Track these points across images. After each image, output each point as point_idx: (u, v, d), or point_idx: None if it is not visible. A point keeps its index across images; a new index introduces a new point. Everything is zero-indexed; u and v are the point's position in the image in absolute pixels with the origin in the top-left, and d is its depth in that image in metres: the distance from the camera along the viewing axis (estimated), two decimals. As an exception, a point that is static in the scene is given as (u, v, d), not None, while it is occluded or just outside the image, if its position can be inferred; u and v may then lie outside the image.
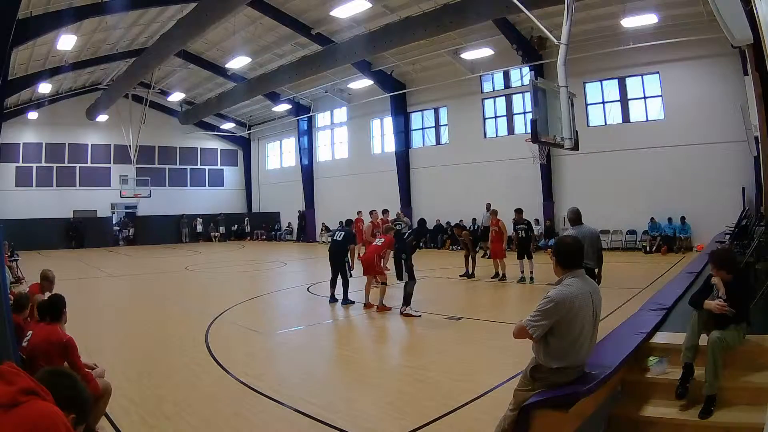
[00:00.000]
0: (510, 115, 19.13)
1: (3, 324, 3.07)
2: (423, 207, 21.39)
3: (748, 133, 11.41)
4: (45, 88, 21.22)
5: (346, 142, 25.60)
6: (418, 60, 19.01)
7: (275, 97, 24.71)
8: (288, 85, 21.58)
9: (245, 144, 31.89)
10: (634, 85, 16.29)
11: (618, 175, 16.15)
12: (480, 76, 18.90)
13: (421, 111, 21.97)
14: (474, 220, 18.39)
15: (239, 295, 10.17)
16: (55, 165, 26.10)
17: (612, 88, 16.70)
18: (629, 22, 13.83)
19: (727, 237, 9.02)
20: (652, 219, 15.54)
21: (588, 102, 16.93)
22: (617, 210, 16.11)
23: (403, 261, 8.09)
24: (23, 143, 25.12)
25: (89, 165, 27.04)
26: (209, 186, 31.12)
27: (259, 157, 31.73)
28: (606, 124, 16.87)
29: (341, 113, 25.52)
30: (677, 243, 14.97)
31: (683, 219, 15.04)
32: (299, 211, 27.70)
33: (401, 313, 7.71)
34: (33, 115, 24.53)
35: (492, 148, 19.30)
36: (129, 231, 27.31)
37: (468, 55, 17.46)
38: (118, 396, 4.08)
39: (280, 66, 19.99)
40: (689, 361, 3.49)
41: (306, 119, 26.56)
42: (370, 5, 14.58)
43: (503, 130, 19.44)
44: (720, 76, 14.04)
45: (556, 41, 8.39)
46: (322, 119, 26.89)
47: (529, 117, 10.33)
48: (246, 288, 11.96)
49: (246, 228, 29.76)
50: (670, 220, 15.31)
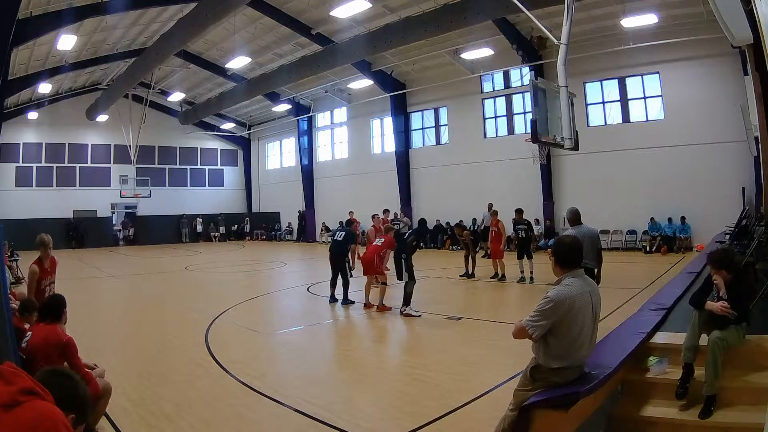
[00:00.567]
0: (510, 115, 19.14)
1: (3, 324, 3.07)
2: (423, 207, 21.39)
3: (748, 133, 11.42)
4: (45, 88, 21.23)
5: (346, 142, 25.61)
6: (418, 60, 19.01)
7: (275, 97, 24.71)
8: (288, 85, 21.58)
9: (245, 144, 31.90)
10: (634, 85, 16.29)
11: (618, 175, 16.15)
12: (480, 76, 18.91)
13: (421, 111, 21.97)
14: (474, 220, 18.39)
15: (239, 295, 10.17)
16: (55, 165, 26.11)
17: (612, 88, 16.70)
18: (629, 22, 13.82)
19: (727, 237, 9.02)
20: (652, 219, 15.54)
21: (588, 102, 16.94)
22: (617, 210, 16.11)
23: (403, 261, 8.09)
24: (23, 143, 25.13)
25: (89, 165, 27.04)
26: (209, 186, 31.13)
27: (259, 157, 31.74)
28: (606, 124, 16.87)
29: (341, 113, 25.52)
30: (677, 243, 14.97)
31: (683, 219, 15.05)
32: (299, 211, 27.70)
33: (401, 313, 7.71)
34: (33, 115, 24.54)
35: (492, 148, 19.30)
36: (129, 231, 27.32)
37: (468, 55, 17.46)
38: (118, 396, 4.08)
39: (280, 66, 20.00)
40: (689, 361, 3.49)
41: (306, 119, 26.56)
42: (370, 5, 14.57)
43: (503, 130, 19.44)
44: (720, 76, 14.04)
45: (556, 41, 8.40)
46: (322, 119, 26.89)
47: (529, 117, 10.33)
48: (246, 288, 11.96)
49: (245, 228, 29.75)
50: (670, 220, 15.31)
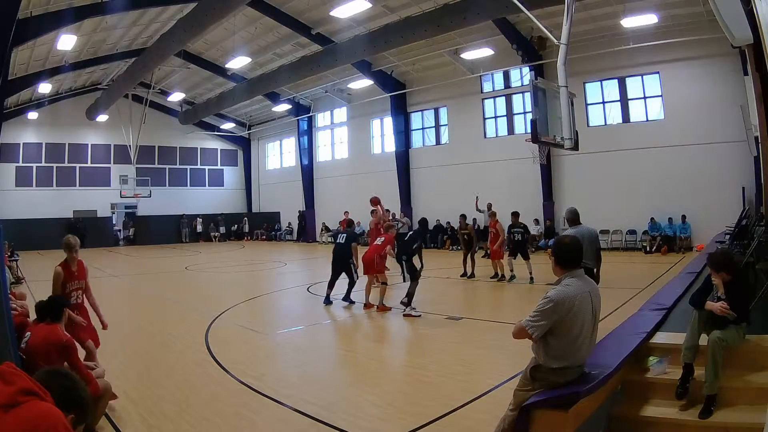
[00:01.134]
0: (510, 115, 19.14)
1: (3, 324, 3.07)
2: (423, 207, 21.37)
3: (748, 133, 11.42)
4: (45, 88, 21.23)
5: (346, 142, 25.60)
6: (418, 60, 19.01)
7: (275, 97, 24.71)
8: (288, 85, 21.57)
9: (245, 144, 31.90)
10: (634, 85, 16.29)
11: (618, 175, 16.15)
12: (480, 76, 18.90)
13: (421, 111, 21.97)
14: (474, 219, 18.37)
15: (239, 295, 10.17)
16: (55, 165, 26.10)
17: (612, 88, 16.70)
18: (629, 22, 13.83)
19: (727, 237, 9.02)
20: (652, 219, 15.54)
21: (588, 102, 16.93)
22: (617, 210, 16.10)
23: (404, 263, 8.10)
24: (23, 143, 25.13)
25: (89, 165, 27.04)
26: (209, 186, 31.13)
27: (259, 157, 31.74)
28: (606, 124, 16.87)
29: (341, 113, 25.52)
30: (677, 243, 14.98)
31: (684, 218, 15.04)
32: (299, 211, 27.69)
33: (403, 312, 7.71)
34: (33, 115, 24.54)
35: (492, 148, 19.30)
36: (129, 231, 27.32)
37: (468, 55, 17.46)
38: (118, 396, 4.08)
39: (280, 66, 20.00)
40: (689, 361, 3.49)
41: (306, 119, 26.56)
42: (370, 5, 14.57)
43: (503, 130, 19.44)
44: (720, 76, 14.04)
45: (556, 41, 8.40)
46: (322, 119, 26.89)
47: (529, 117, 10.34)
48: (246, 288, 11.96)
49: (244, 228, 29.74)
50: (670, 220, 15.31)
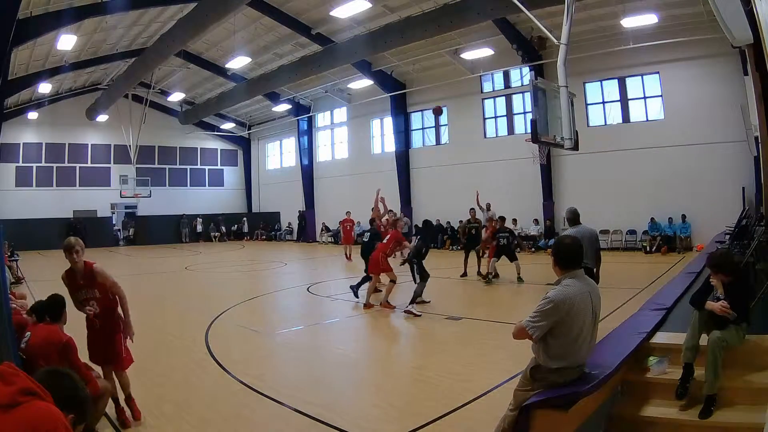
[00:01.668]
0: (510, 115, 19.14)
1: (3, 324, 3.07)
2: (423, 207, 21.38)
3: (748, 133, 11.42)
4: (45, 88, 21.22)
5: (346, 142, 25.60)
6: (418, 60, 19.00)
7: (275, 97, 24.71)
8: (288, 85, 21.57)
9: (245, 144, 31.89)
10: (634, 85, 16.29)
11: (618, 175, 16.15)
12: (480, 76, 18.90)
13: (421, 111, 21.96)
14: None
15: (239, 295, 10.17)
16: (55, 165, 26.09)
17: (612, 88, 16.70)
18: (629, 22, 13.82)
19: (727, 237, 9.02)
20: (652, 219, 15.54)
21: (588, 102, 16.93)
22: (617, 210, 16.10)
23: (414, 264, 8.15)
24: (23, 143, 25.12)
25: (89, 165, 27.03)
26: (209, 186, 31.12)
27: (259, 157, 31.73)
28: (606, 124, 16.87)
29: (341, 113, 25.52)
30: (677, 243, 14.97)
31: (684, 218, 15.04)
32: (299, 211, 27.69)
33: (404, 309, 7.75)
34: (33, 115, 24.53)
35: (492, 148, 19.30)
36: (129, 231, 27.31)
37: (468, 55, 17.46)
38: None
39: (280, 66, 19.99)
40: (689, 361, 3.49)
41: (306, 119, 26.56)
42: (370, 5, 14.57)
43: (503, 130, 19.44)
44: (720, 76, 14.04)
45: (556, 41, 8.39)
46: (322, 119, 26.89)
47: (529, 117, 10.31)
48: (246, 288, 11.95)
49: (244, 228, 29.72)
50: (670, 220, 15.31)
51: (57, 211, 24.59)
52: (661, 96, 15.65)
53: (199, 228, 28.43)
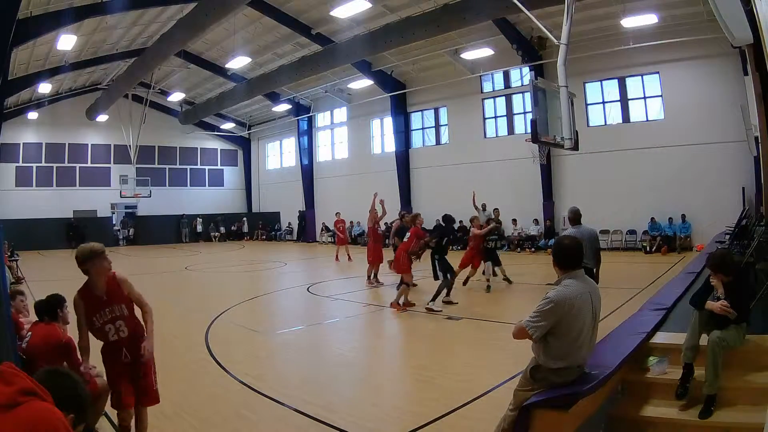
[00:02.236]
0: (510, 115, 19.13)
1: (3, 324, 3.07)
2: (423, 207, 21.25)
3: (748, 133, 11.40)
4: (45, 88, 21.21)
5: (346, 142, 25.60)
6: (418, 60, 19.00)
7: (275, 97, 24.71)
8: (288, 85, 21.57)
9: (245, 144, 31.89)
10: (634, 85, 16.28)
11: (618, 175, 16.15)
12: (480, 76, 18.90)
13: (421, 111, 21.97)
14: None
15: (239, 295, 10.17)
16: (55, 165, 26.09)
17: (612, 88, 16.69)
18: (629, 22, 13.81)
19: (727, 237, 9.02)
20: (652, 219, 15.54)
21: (588, 102, 16.93)
22: (617, 210, 16.09)
23: (437, 261, 8.17)
24: (23, 143, 25.11)
25: (89, 165, 27.03)
26: (209, 186, 31.12)
27: (259, 157, 31.73)
28: (606, 124, 16.86)
29: (341, 113, 25.51)
30: (677, 243, 14.97)
31: (684, 218, 15.04)
32: (299, 211, 27.70)
33: (426, 306, 7.84)
34: (33, 115, 24.53)
35: (492, 148, 19.30)
36: (129, 231, 27.32)
37: (468, 55, 17.45)
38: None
39: (280, 66, 19.99)
40: (689, 361, 3.49)
41: (306, 119, 26.56)
42: (370, 5, 14.57)
43: (503, 130, 19.44)
44: (720, 76, 14.03)
45: (556, 41, 8.40)
46: (322, 119, 26.89)
47: (529, 117, 10.33)
48: (246, 288, 11.95)
49: (244, 228, 29.70)
50: (670, 220, 15.30)
51: (57, 211, 24.60)
52: (661, 96, 15.64)
53: (199, 228, 28.45)
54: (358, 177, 24.10)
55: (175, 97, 25.97)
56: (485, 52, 16.76)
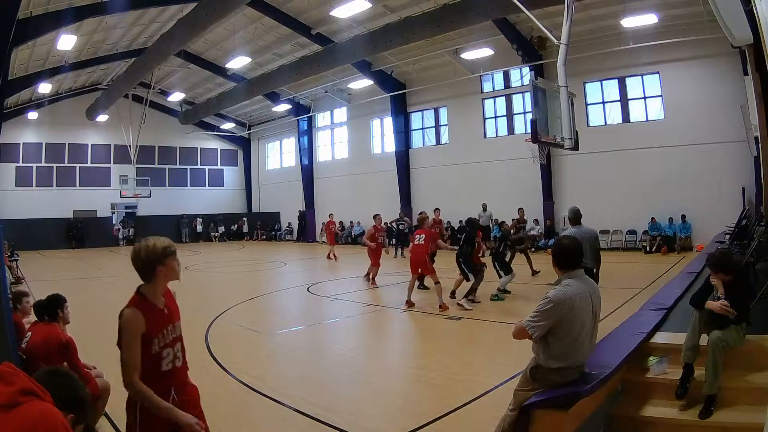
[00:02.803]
0: (510, 115, 19.14)
1: (3, 324, 3.07)
2: (423, 207, 21.25)
3: (748, 133, 11.41)
4: (45, 88, 21.22)
5: (346, 142, 25.60)
6: (418, 60, 19.00)
7: (275, 97, 24.72)
8: (288, 85, 21.57)
9: (245, 144, 31.90)
10: (634, 85, 16.28)
11: (618, 175, 16.15)
12: (480, 76, 18.89)
13: (421, 111, 21.97)
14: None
15: (239, 295, 10.16)
16: (55, 165, 26.10)
17: (612, 88, 16.69)
18: (629, 22, 13.82)
19: (727, 237, 9.02)
20: (652, 219, 15.54)
21: (588, 102, 16.93)
22: (617, 210, 16.10)
23: (462, 264, 8.35)
24: (23, 143, 25.13)
25: (89, 165, 27.04)
26: (209, 186, 31.13)
27: (259, 157, 31.74)
28: (606, 124, 16.86)
29: (341, 113, 25.51)
30: (677, 243, 14.97)
31: (684, 218, 15.04)
32: (299, 211, 27.70)
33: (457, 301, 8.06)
34: (33, 115, 24.54)
35: (492, 148, 19.29)
36: (129, 231, 27.31)
37: (468, 55, 17.45)
38: (117, 396, 4.06)
39: (280, 66, 19.99)
40: (689, 361, 3.49)
41: (306, 119, 26.56)
42: (370, 5, 14.57)
43: (503, 130, 19.44)
44: (720, 76, 14.03)
45: (556, 41, 8.40)
46: (322, 119, 26.89)
47: (529, 117, 10.32)
48: (246, 288, 11.95)
49: (243, 228, 29.69)
50: (670, 220, 15.30)
51: (57, 211, 24.61)
52: (661, 96, 15.64)
53: (199, 228, 28.45)
54: (358, 177, 24.11)
55: (175, 97, 25.97)
56: (485, 52, 16.77)
